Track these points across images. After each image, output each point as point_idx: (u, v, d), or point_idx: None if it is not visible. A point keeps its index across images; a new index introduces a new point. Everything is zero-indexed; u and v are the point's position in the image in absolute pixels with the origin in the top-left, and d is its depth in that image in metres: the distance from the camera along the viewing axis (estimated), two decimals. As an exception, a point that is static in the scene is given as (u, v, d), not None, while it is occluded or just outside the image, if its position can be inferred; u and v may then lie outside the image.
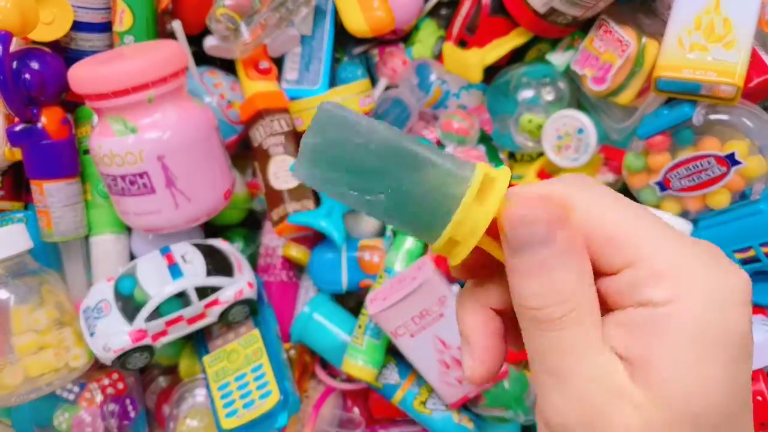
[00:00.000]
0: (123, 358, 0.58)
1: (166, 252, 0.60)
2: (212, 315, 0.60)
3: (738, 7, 0.51)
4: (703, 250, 0.25)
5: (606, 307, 0.26)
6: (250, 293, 0.60)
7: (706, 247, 0.26)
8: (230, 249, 0.63)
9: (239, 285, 0.60)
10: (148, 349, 0.59)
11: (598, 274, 0.26)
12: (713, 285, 0.24)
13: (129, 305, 0.58)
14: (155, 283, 0.57)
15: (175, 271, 0.58)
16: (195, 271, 0.58)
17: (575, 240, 0.25)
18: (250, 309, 0.62)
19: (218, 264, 0.60)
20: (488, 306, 0.29)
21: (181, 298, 0.58)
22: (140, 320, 0.57)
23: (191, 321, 0.59)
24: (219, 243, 0.63)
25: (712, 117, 0.55)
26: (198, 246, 0.61)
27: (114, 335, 0.57)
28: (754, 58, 0.55)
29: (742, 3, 0.51)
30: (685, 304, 0.24)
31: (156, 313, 0.57)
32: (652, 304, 0.24)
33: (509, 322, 0.29)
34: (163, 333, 0.59)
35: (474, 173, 0.25)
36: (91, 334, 0.58)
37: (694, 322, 0.24)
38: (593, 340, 0.25)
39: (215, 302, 0.59)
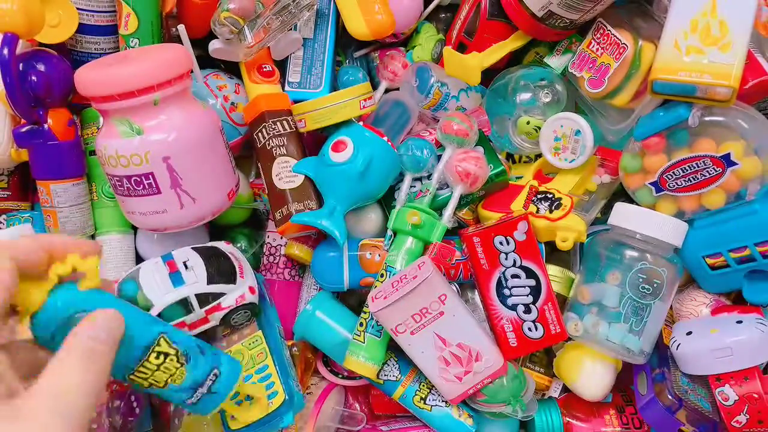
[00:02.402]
0: None
1: (168, 259, 0.60)
2: (214, 319, 0.60)
3: (734, 10, 0.52)
4: None
5: None
6: (251, 298, 0.61)
7: None
8: (233, 251, 0.64)
9: (241, 290, 0.60)
10: None
11: None
12: None
13: None
14: (157, 290, 0.58)
15: (176, 278, 0.58)
16: (196, 278, 0.58)
17: None
18: (252, 312, 0.62)
19: (220, 270, 0.60)
20: None
21: (183, 305, 0.58)
22: None
23: (193, 326, 0.60)
24: (222, 245, 0.63)
25: (708, 118, 0.56)
26: (200, 251, 0.61)
27: None
28: (750, 60, 0.55)
29: (738, 6, 0.52)
30: None
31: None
32: None
33: None
34: None
35: None
36: None
37: None
38: None
39: (217, 308, 0.59)
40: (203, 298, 0.58)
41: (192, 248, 0.61)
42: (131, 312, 0.48)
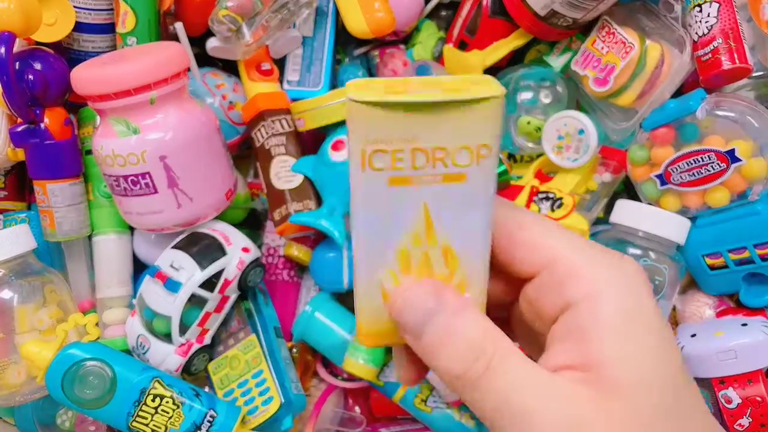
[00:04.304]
0: (186, 370, 0.60)
1: (154, 272, 0.60)
2: (232, 292, 0.61)
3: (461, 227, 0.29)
4: (597, 247, 0.27)
5: (539, 317, 0.27)
6: (250, 257, 0.61)
7: (597, 245, 0.28)
8: (211, 225, 0.62)
9: (236, 256, 0.60)
10: (201, 350, 0.60)
11: (520, 281, 0.28)
12: (620, 273, 0.26)
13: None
14: (165, 305, 0.58)
15: (171, 285, 0.58)
16: (189, 273, 0.58)
17: (461, 297, 0.27)
18: (262, 267, 0.63)
19: (206, 251, 0.59)
20: None
21: (196, 301, 0.58)
22: (176, 337, 0.59)
23: (218, 309, 0.60)
24: (196, 227, 0.62)
25: (719, 112, 0.56)
26: (180, 246, 0.60)
27: (166, 359, 0.59)
28: (738, 44, 0.55)
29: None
30: (603, 296, 0.25)
31: (184, 326, 0.59)
32: (572, 304, 0.25)
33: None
34: (203, 332, 0.60)
35: None
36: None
37: (615, 311, 0.25)
38: (533, 370, 0.25)
39: (226, 283, 0.59)
40: (208, 284, 0.58)
41: (171, 248, 0.61)
42: (127, 360, 0.56)
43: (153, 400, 0.55)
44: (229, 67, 0.70)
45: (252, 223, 0.74)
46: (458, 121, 0.24)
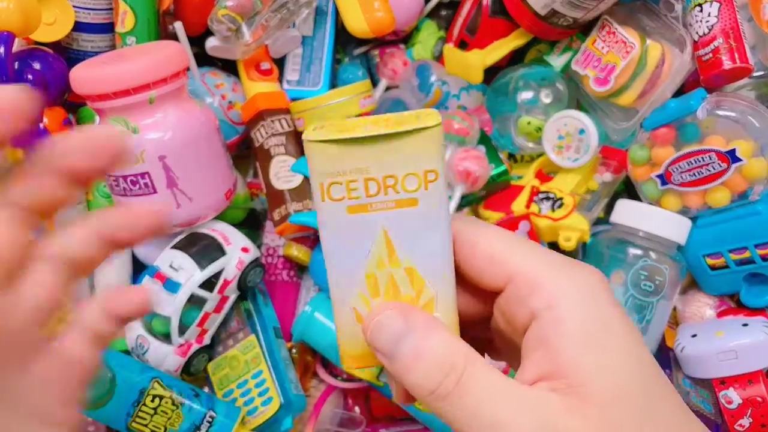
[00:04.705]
0: (185, 371, 0.60)
1: (153, 273, 0.59)
2: (231, 292, 0.60)
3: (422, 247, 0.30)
4: (558, 257, 0.28)
5: (513, 329, 0.28)
6: (249, 257, 0.60)
7: (557, 254, 0.28)
8: (211, 226, 0.62)
9: (235, 256, 0.60)
10: (200, 351, 0.60)
11: (491, 295, 0.28)
12: (579, 281, 0.26)
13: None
14: (165, 306, 0.58)
15: (171, 286, 0.58)
16: (189, 273, 0.58)
17: (429, 317, 0.27)
18: (262, 267, 0.63)
19: (205, 251, 0.59)
20: None
21: (195, 301, 0.58)
22: (176, 338, 0.58)
23: (218, 309, 0.60)
24: (195, 227, 0.62)
25: (720, 112, 0.55)
26: (179, 246, 0.60)
27: (165, 360, 0.59)
28: (739, 44, 0.55)
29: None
30: (564, 305, 0.25)
31: (183, 327, 0.58)
32: (536, 315, 0.26)
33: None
34: (202, 333, 0.60)
35: None
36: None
37: (576, 317, 0.25)
38: (503, 382, 0.25)
39: (225, 283, 0.59)
40: (207, 284, 0.58)
41: (170, 248, 0.61)
42: (126, 360, 0.56)
43: (152, 401, 0.55)
44: (229, 67, 0.70)
45: (251, 223, 0.74)
46: (402, 151, 0.26)
